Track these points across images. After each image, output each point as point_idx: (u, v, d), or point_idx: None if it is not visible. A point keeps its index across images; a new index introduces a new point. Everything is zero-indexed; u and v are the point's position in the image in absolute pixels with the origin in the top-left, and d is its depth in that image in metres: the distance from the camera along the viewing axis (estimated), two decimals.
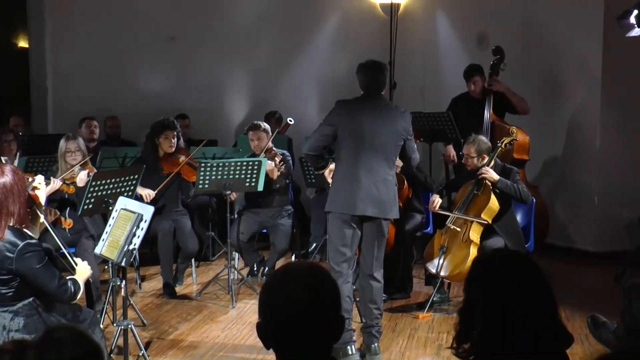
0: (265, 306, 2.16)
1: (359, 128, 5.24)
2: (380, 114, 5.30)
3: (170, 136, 7.12)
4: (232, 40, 10.35)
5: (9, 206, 3.94)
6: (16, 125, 9.22)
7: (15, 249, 3.91)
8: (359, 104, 5.35)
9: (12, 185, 3.96)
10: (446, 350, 5.51)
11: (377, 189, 5.27)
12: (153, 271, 7.70)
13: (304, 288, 2.12)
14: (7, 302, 4.03)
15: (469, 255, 6.09)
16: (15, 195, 3.97)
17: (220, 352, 5.57)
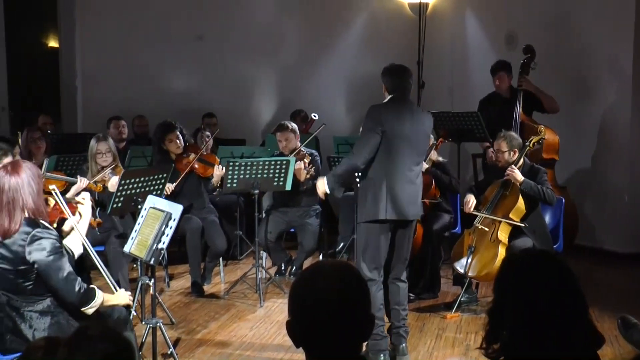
0: (295, 304, 2.16)
1: (401, 132, 5.20)
2: (414, 116, 5.32)
3: (174, 138, 7.12)
4: (259, 39, 10.37)
5: (23, 200, 4.00)
6: (45, 124, 9.32)
7: (27, 236, 3.97)
8: (395, 108, 5.28)
9: (24, 182, 4.02)
10: (474, 350, 5.49)
11: (417, 191, 5.34)
12: (181, 270, 7.74)
13: (334, 286, 2.11)
14: (29, 297, 4.06)
15: (497, 255, 6.05)
16: (29, 191, 4.02)
17: (248, 350, 5.58)
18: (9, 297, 4.07)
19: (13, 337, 4.06)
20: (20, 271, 4.01)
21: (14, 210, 3.98)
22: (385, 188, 5.17)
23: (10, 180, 4.01)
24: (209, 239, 7.16)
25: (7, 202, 3.98)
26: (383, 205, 5.17)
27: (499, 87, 8.12)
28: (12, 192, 3.99)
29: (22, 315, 4.06)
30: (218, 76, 10.37)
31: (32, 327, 4.05)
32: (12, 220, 3.98)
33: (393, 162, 5.19)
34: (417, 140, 5.33)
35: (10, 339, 4.07)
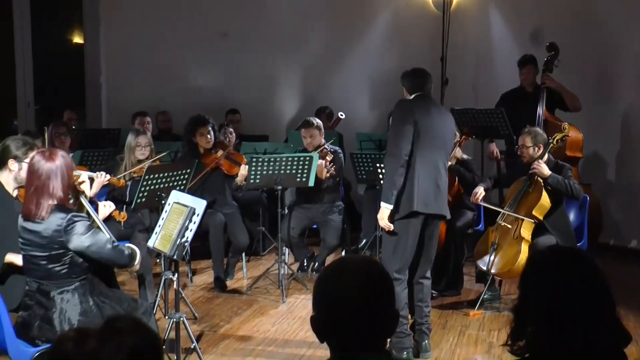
0: (319, 299, 2.16)
1: (430, 127, 5.19)
2: (438, 113, 5.33)
3: (205, 132, 7.16)
4: (283, 35, 10.38)
5: (53, 188, 4.08)
6: (70, 119, 9.38)
7: (63, 221, 4.04)
8: (423, 103, 5.28)
9: (58, 169, 4.10)
10: (497, 348, 5.47)
11: (445, 188, 5.33)
12: (204, 265, 7.77)
13: (358, 281, 2.11)
14: (60, 281, 4.13)
15: (520, 253, 6.03)
16: (60, 179, 4.11)
17: (271, 346, 5.59)
18: (39, 283, 4.15)
19: (42, 323, 4.12)
20: (53, 256, 4.09)
21: (42, 195, 4.07)
22: (417, 181, 5.13)
23: (45, 166, 4.09)
24: (232, 234, 7.18)
25: (38, 187, 4.07)
26: (416, 198, 5.12)
27: (525, 80, 8.08)
28: (44, 178, 4.08)
29: (53, 300, 4.13)
30: (242, 73, 10.39)
31: (61, 312, 4.12)
32: (40, 205, 4.06)
33: (424, 157, 5.16)
34: (444, 138, 5.34)
35: (38, 326, 4.13)
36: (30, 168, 4.15)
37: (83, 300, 4.17)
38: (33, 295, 4.18)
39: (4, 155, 4.83)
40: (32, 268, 4.17)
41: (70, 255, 4.11)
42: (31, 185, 4.10)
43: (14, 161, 4.80)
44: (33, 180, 4.10)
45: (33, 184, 4.09)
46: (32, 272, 4.18)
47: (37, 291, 4.16)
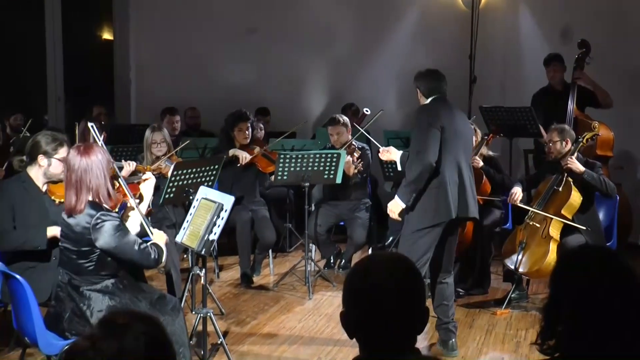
0: (349, 296, 2.16)
1: (457, 130, 5.17)
2: (458, 114, 5.31)
3: (244, 128, 7.19)
4: (311, 32, 10.38)
5: (90, 182, 4.11)
6: (99, 114, 9.46)
7: (92, 219, 4.07)
8: (446, 106, 5.23)
9: (93, 164, 4.13)
10: (525, 347, 5.44)
11: (473, 189, 5.30)
12: (231, 261, 7.79)
13: (389, 278, 2.11)
14: (91, 278, 4.17)
15: (548, 252, 5.99)
16: (97, 173, 4.13)
17: (297, 342, 5.60)
18: (70, 276, 4.19)
19: (72, 316, 4.16)
20: (82, 252, 4.13)
21: (80, 190, 4.11)
22: (450, 187, 5.07)
23: (80, 161, 4.12)
24: (259, 231, 7.19)
25: (76, 181, 4.11)
26: (452, 205, 5.07)
27: (553, 78, 8.04)
28: (80, 172, 4.11)
29: (82, 294, 4.18)
30: (270, 69, 10.41)
31: (90, 306, 4.16)
32: (79, 199, 4.10)
33: (453, 162, 5.12)
34: (467, 139, 5.35)
35: (69, 318, 4.17)
36: (67, 164, 4.20)
37: (112, 298, 4.19)
38: (64, 287, 4.21)
39: (34, 150, 4.88)
40: (64, 260, 4.23)
41: (97, 253, 4.13)
42: (69, 181, 4.14)
43: (44, 157, 4.84)
44: (70, 176, 4.13)
45: (71, 179, 4.13)
46: (65, 264, 4.23)
47: (68, 284, 4.20)
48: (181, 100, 9.74)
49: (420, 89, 5.32)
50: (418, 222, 5.14)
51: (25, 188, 4.85)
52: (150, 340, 1.77)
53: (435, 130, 5.04)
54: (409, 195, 5.12)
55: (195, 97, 10.05)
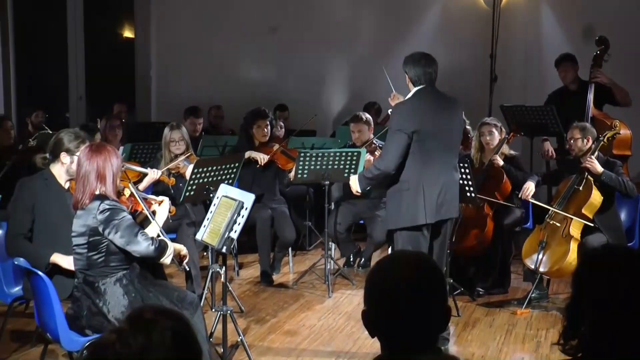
0: (371, 294, 2.16)
1: (432, 129, 5.00)
2: (444, 107, 5.13)
3: (263, 125, 7.19)
4: (332, 31, 10.38)
5: (98, 179, 4.21)
6: (120, 112, 9.52)
7: (99, 206, 4.16)
8: (424, 102, 5.06)
9: (105, 162, 4.22)
10: (545, 347, 5.42)
11: (455, 188, 5.19)
12: (250, 259, 7.81)
13: (411, 276, 2.11)
14: (103, 270, 4.22)
15: (568, 251, 5.95)
16: (106, 171, 4.22)
17: (317, 341, 5.60)
18: (85, 274, 4.24)
19: (90, 314, 4.21)
20: (92, 243, 4.20)
21: (88, 185, 4.20)
22: (421, 191, 4.98)
23: (90, 157, 4.23)
24: (279, 229, 7.20)
25: (83, 175, 4.22)
26: (422, 209, 4.99)
27: (565, 78, 7.99)
28: (89, 168, 4.21)
29: (97, 290, 4.22)
30: (290, 67, 10.43)
31: (107, 302, 4.20)
32: (85, 193, 4.20)
33: (427, 163, 5.00)
34: (450, 134, 5.14)
35: (87, 316, 4.21)
36: (79, 160, 4.31)
37: (126, 291, 4.24)
38: (80, 286, 4.27)
39: (57, 148, 4.92)
40: (77, 258, 4.29)
41: (106, 243, 4.20)
42: (79, 176, 4.25)
43: (66, 154, 4.88)
44: (80, 171, 4.24)
45: (80, 174, 4.24)
46: (77, 262, 4.29)
47: (83, 282, 4.25)
48: (201, 98, 9.77)
49: (408, 75, 5.16)
50: (390, 222, 5.19)
51: (47, 185, 4.89)
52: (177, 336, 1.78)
53: (402, 135, 4.94)
54: (364, 184, 5.25)
55: (216, 95, 10.08)
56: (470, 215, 6.49)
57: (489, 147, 6.76)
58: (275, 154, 7.19)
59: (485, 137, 6.76)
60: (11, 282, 5.00)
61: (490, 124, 6.79)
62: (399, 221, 5.08)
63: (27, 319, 5.61)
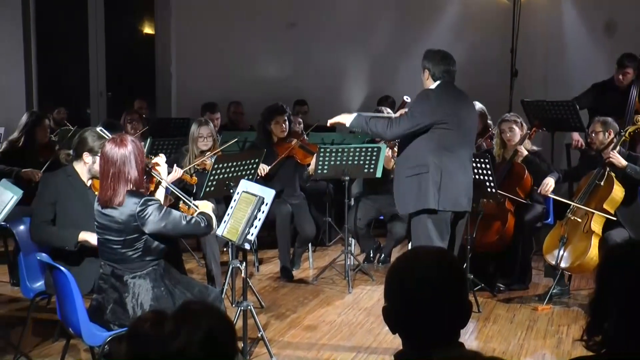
0: (392, 289, 2.16)
1: (456, 120, 5.07)
2: (466, 104, 5.22)
3: (281, 121, 7.18)
4: (351, 26, 10.37)
5: (128, 173, 4.15)
6: (140, 107, 9.56)
7: (137, 206, 4.11)
8: (451, 96, 5.13)
9: (131, 154, 4.16)
10: (566, 343, 5.39)
11: (469, 183, 5.25)
12: (270, 254, 7.82)
13: (432, 272, 2.11)
14: (135, 265, 4.22)
15: (590, 247, 5.93)
16: (134, 163, 4.16)
17: (337, 336, 5.60)
18: (113, 267, 4.23)
19: (115, 307, 4.21)
20: (128, 241, 4.17)
21: (118, 182, 4.13)
22: (439, 177, 5.03)
23: (118, 152, 4.15)
24: (298, 224, 7.20)
25: (114, 174, 4.14)
26: (440, 193, 5.04)
27: (622, 80, 7.81)
28: (119, 164, 4.14)
29: (126, 284, 4.22)
30: (310, 63, 10.43)
31: (134, 296, 4.20)
32: (116, 191, 4.13)
33: (448, 152, 5.06)
34: (470, 129, 5.25)
35: (112, 310, 4.22)
36: (104, 156, 4.20)
37: (155, 285, 4.24)
38: (107, 278, 4.26)
39: (80, 147, 4.96)
40: (106, 251, 4.27)
41: (143, 240, 4.18)
42: (107, 173, 4.15)
43: (89, 154, 4.91)
44: (109, 168, 4.15)
45: (109, 172, 4.14)
46: (106, 255, 4.27)
47: (111, 275, 4.24)
48: (221, 94, 9.80)
49: (429, 70, 5.19)
50: (409, 204, 5.21)
51: (70, 182, 4.93)
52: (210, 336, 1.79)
53: (420, 118, 5.02)
54: (358, 127, 5.29)
55: (235, 90, 10.10)
56: (491, 210, 6.47)
57: (511, 144, 6.72)
58: (294, 148, 7.19)
59: (506, 133, 6.73)
60: (33, 277, 5.04)
61: (510, 120, 6.75)
62: (418, 203, 5.12)
63: (49, 313, 5.65)
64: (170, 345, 1.74)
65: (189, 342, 1.76)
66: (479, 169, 6.08)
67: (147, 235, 4.17)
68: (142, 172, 4.22)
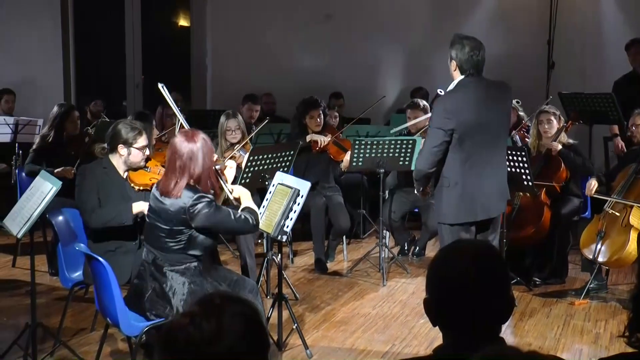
0: (434, 282, 2.14)
1: (476, 122, 4.77)
2: (491, 97, 4.90)
3: (316, 115, 7.17)
4: (387, 18, 10.33)
5: (193, 169, 4.15)
6: (176, 100, 9.52)
7: (190, 200, 4.12)
8: (468, 94, 4.84)
9: (199, 151, 4.16)
10: (604, 339, 5.33)
11: (501, 186, 5.00)
12: (305, 247, 7.83)
13: (476, 265, 2.09)
14: (176, 258, 4.23)
15: (628, 241, 5.85)
16: (200, 161, 4.16)
17: (371, 329, 5.60)
18: (155, 255, 4.26)
19: (154, 295, 4.24)
20: (173, 231, 4.19)
21: (182, 175, 4.15)
22: (459, 190, 4.82)
23: (187, 146, 4.15)
24: (333, 217, 7.20)
25: (179, 166, 4.14)
26: (459, 207, 4.84)
27: (635, 61, 7.82)
28: (185, 158, 4.14)
29: (165, 275, 4.24)
30: (345, 55, 10.41)
31: (172, 288, 4.23)
32: (177, 184, 4.14)
33: (468, 161, 4.80)
34: (497, 125, 4.92)
35: (150, 297, 4.25)
36: (173, 147, 4.20)
37: (192, 281, 4.25)
38: (148, 266, 4.29)
39: (115, 139, 5.00)
40: (152, 237, 4.29)
41: (188, 234, 4.19)
42: (173, 164, 4.16)
43: (124, 146, 4.95)
44: (175, 160, 4.15)
45: (175, 163, 4.15)
46: (151, 240, 4.29)
47: (152, 263, 4.26)
48: (256, 86, 9.81)
49: (455, 60, 4.92)
50: (438, 214, 5.07)
51: (107, 174, 4.98)
52: (249, 323, 1.80)
53: (440, 133, 4.76)
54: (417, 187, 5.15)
55: (271, 82, 10.12)
56: (527, 204, 6.43)
57: (547, 136, 6.65)
58: (328, 144, 7.18)
59: (544, 125, 6.65)
60: (72, 267, 5.10)
61: (549, 112, 6.68)
62: (439, 216, 5.02)
63: (87, 303, 5.72)
64: (219, 344, 1.75)
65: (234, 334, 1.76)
66: (515, 162, 6.03)
67: (192, 229, 4.18)
68: (207, 170, 4.21)
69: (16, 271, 6.98)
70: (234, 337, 1.75)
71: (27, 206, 4.50)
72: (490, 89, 4.93)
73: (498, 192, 4.99)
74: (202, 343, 1.74)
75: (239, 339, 1.76)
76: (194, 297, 4.19)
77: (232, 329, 1.76)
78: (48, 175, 4.60)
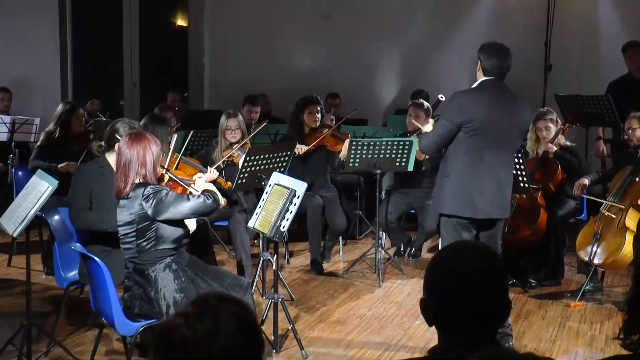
0: (432, 282, 2.14)
1: (490, 124, 4.83)
2: (507, 103, 4.94)
3: (314, 111, 7.18)
4: (385, 18, 10.34)
5: (138, 167, 4.23)
6: (174, 100, 9.58)
7: (143, 192, 4.19)
8: (486, 96, 4.89)
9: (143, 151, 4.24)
10: (599, 341, 5.34)
11: (502, 191, 4.98)
12: (301, 247, 7.83)
13: (475, 266, 2.09)
14: (152, 256, 4.27)
15: (624, 243, 5.86)
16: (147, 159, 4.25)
17: (367, 330, 5.60)
18: (134, 263, 4.29)
19: (142, 302, 4.27)
20: (140, 230, 4.23)
21: (128, 173, 4.23)
22: (459, 182, 4.87)
23: (130, 146, 4.24)
24: (329, 217, 7.20)
25: (124, 165, 4.23)
26: (453, 199, 4.90)
27: (631, 64, 7.82)
28: (129, 157, 4.23)
29: (148, 278, 4.27)
30: (342, 55, 10.43)
31: (158, 290, 4.25)
32: (127, 183, 4.23)
33: (474, 157, 4.84)
34: (509, 135, 4.94)
35: (139, 305, 4.27)
36: (119, 149, 4.31)
37: (176, 275, 4.29)
38: (131, 276, 4.33)
39: (112, 138, 5.01)
40: (125, 248, 4.33)
41: (154, 228, 4.23)
42: (120, 165, 4.27)
43: None
44: (121, 160, 4.26)
45: (121, 163, 4.26)
46: (127, 251, 4.33)
47: (133, 271, 4.30)
48: (254, 86, 9.80)
49: (480, 62, 4.99)
50: (433, 205, 5.30)
51: (103, 173, 4.98)
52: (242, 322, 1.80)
53: (448, 125, 4.86)
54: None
55: (269, 82, 10.13)
56: (523, 205, 6.43)
57: (545, 141, 6.65)
58: (325, 137, 7.18)
59: (542, 132, 6.64)
60: (67, 266, 5.09)
61: (547, 119, 6.65)
62: (438, 206, 5.08)
63: (82, 303, 5.71)
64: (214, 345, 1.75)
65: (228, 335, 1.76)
66: None
67: (157, 222, 4.22)
68: (153, 169, 4.29)
69: (12, 270, 6.97)
70: (229, 337, 1.75)
71: (23, 205, 4.49)
72: (505, 94, 4.97)
73: (499, 196, 4.97)
74: (196, 343, 1.74)
75: (233, 339, 1.76)
76: (187, 293, 4.21)
77: (227, 330, 1.76)
78: (45, 174, 4.59)
